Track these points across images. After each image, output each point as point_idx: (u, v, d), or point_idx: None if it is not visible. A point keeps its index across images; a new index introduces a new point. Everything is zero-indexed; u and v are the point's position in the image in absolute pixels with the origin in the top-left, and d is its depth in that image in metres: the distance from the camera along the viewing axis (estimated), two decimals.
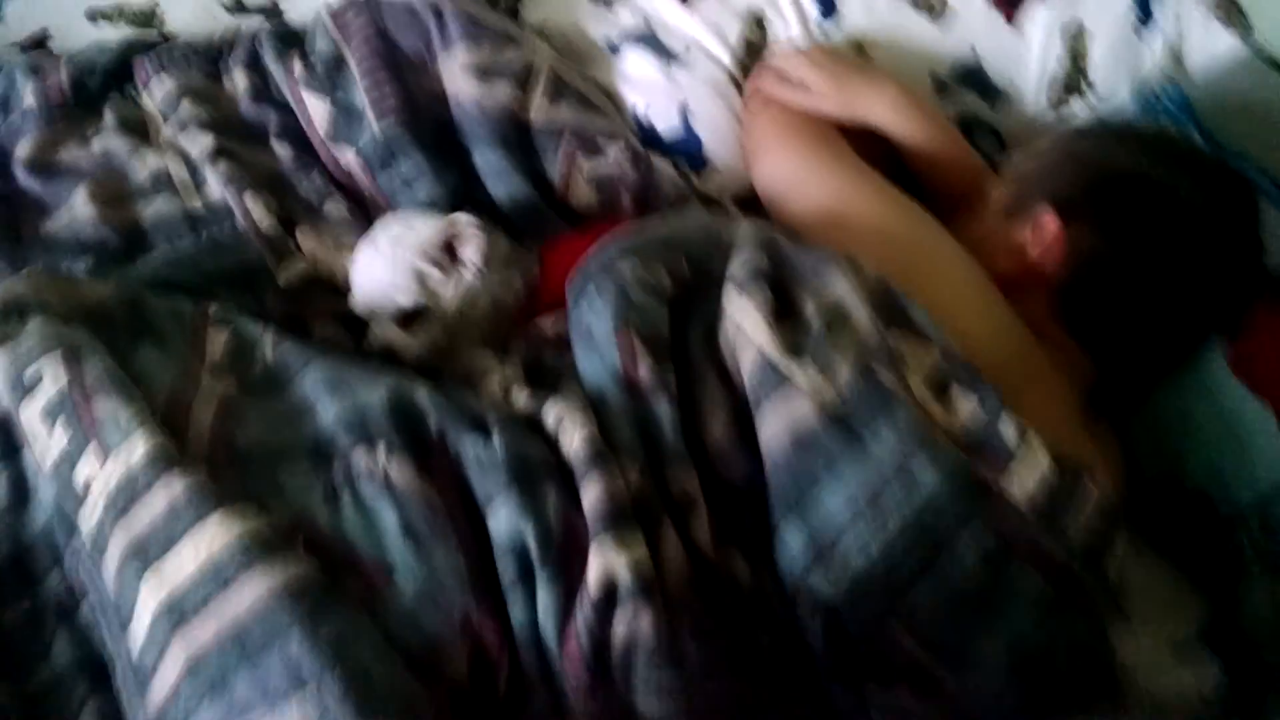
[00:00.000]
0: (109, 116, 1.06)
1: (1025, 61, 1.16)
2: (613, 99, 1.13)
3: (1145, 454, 0.93)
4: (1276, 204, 0.99)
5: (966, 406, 0.75)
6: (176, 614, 0.62)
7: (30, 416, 0.71)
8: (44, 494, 0.71)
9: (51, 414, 0.70)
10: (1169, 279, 0.87)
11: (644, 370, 0.74)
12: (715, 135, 1.11)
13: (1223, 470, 0.87)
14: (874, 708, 0.70)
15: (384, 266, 0.90)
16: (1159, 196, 0.87)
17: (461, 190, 1.03)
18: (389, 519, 0.67)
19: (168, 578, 0.63)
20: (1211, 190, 0.88)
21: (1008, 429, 0.73)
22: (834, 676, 0.70)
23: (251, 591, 0.62)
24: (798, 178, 0.99)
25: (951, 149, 1.05)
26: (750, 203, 1.09)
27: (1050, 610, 0.70)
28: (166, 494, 0.65)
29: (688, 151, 1.11)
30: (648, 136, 1.12)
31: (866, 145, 1.03)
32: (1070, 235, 0.88)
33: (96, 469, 0.67)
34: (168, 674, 0.62)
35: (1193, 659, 0.88)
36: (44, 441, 0.70)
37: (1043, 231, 0.89)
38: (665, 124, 1.11)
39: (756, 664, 0.69)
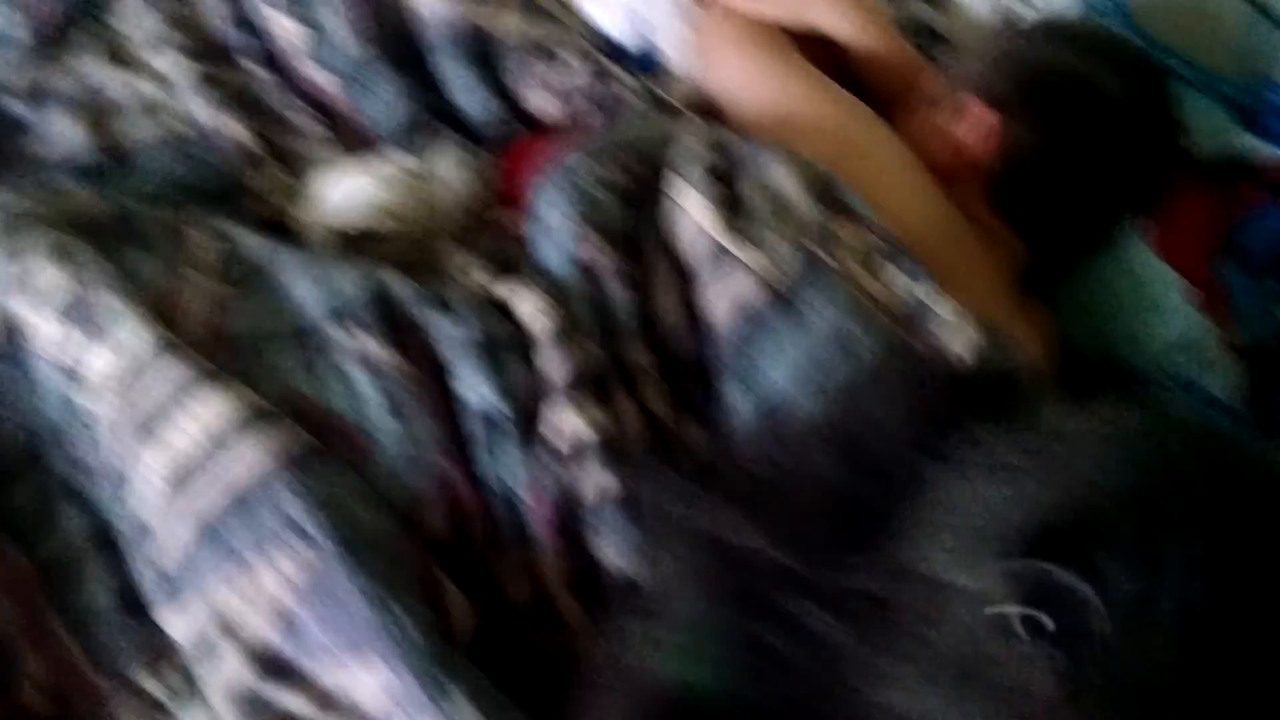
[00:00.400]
0: (87, 42, 1.10)
1: None
2: (571, 11, 1.18)
3: (1077, 331, 1.00)
4: (1196, 92, 1.04)
5: (899, 283, 0.81)
6: (178, 480, 0.68)
7: (30, 311, 0.76)
8: (46, 384, 0.76)
9: (52, 309, 0.75)
10: (1094, 167, 0.93)
11: (599, 256, 0.80)
12: (673, 45, 1.14)
13: (1142, 339, 0.94)
14: None
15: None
16: (1085, 90, 0.93)
17: (430, 104, 1.07)
18: (369, 390, 0.73)
19: (168, 448, 0.69)
20: (1132, 81, 0.94)
21: (938, 303, 0.79)
22: None
23: (248, 455, 0.68)
24: (747, 81, 1.04)
25: (896, 52, 1.10)
26: (705, 108, 1.14)
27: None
28: (163, 374, 0.71)
29: (647, 61, 1.15)
30: (608, 48, 1.16)
31: (814, 49, 1.08)
32: (1003, 128, 0.94)
33: (96, 356, 0.73)
34: (175, 535, 0.68)
35: None
36: (44, 333, 0.75)
37: (977, 125, 0.95)
38: (625, 35, 1.15)
39: None
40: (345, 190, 0.93)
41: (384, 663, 0.64)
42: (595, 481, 0.71)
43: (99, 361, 0.73)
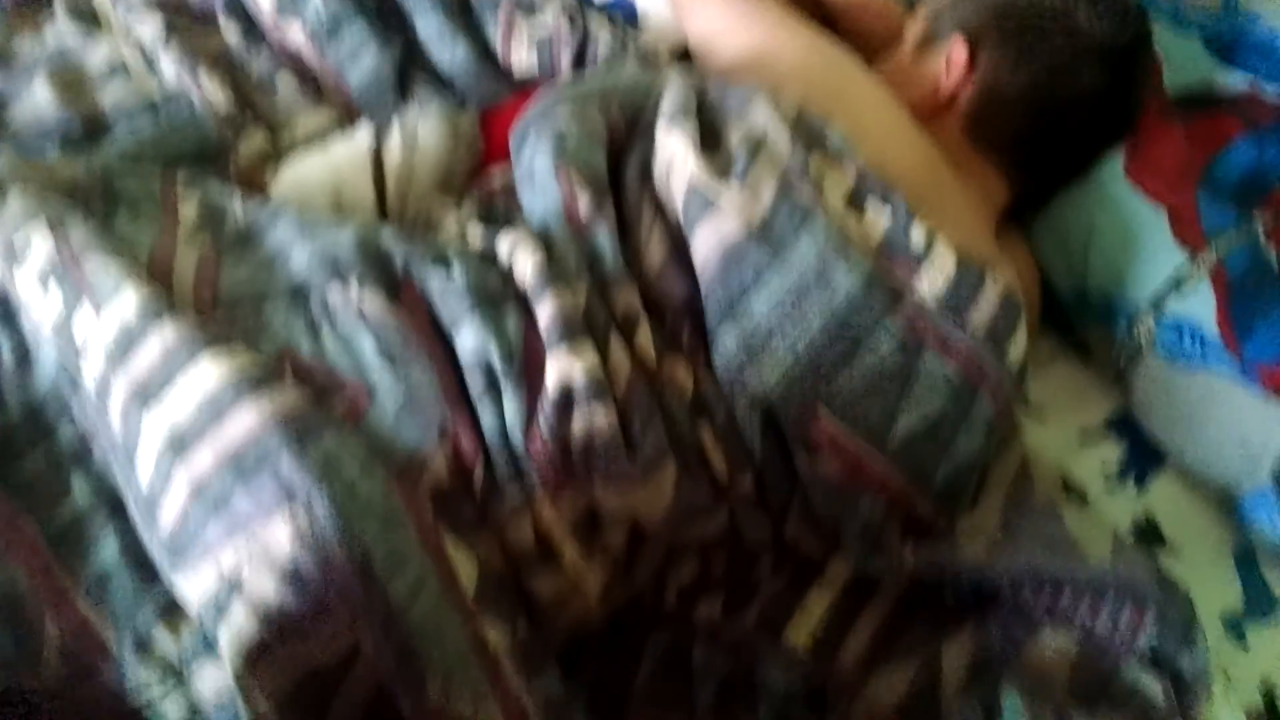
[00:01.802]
0: (60, 11, 1.09)
1: None
2: None
3: (1056, 269, 1.01)
4: (1172, 26, 1.05)
5: (880, 218, 0.82)
6: (178, 445, 0.68)
7: (24, 281, 0.76)
8: (46, 353, 0.77)
9: (44, 277, 0.75)
10: (1068, 98, 0.95)
11: (584, 205, 0.81)
12: None
13: (1122, 271, 0.95)
14: (803, 476, 0.79)
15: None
16: (1055, 21, 0.94)
17: (407, 59, 1.07)
18: (366, 344, 0.74)
19: (167, 414, 0.69)
20: (1103, 11, 0.94)
21: (917, 235, 0.81)
22: (767, 456, 0.79)
23: (245, 420, 0.68)
24: (725, 27, 1.04)
25: None
26: (685, 58, 1.14)
27: (958, 391, 0.79)
28: (160, 340, 0.71)
29: (623, 11, 1.15)
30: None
31: None
32: (977, 62, 0.95)
33: (93, 324, 0.72)
34: (175, 499, 0.68)
35: (1098, 442, 0.98)
36: (40, 304, 0.75)
37: (953, 60, 0.96)
38: None
39: (698, 452, 0.78)
40: (296, 174, 0.93)
41: (366, 633, 0.66)
42: (583, 419, 0.73)
43: (98, 331, 0.73)
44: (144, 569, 0.72)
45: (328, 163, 0.93)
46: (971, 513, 0.84)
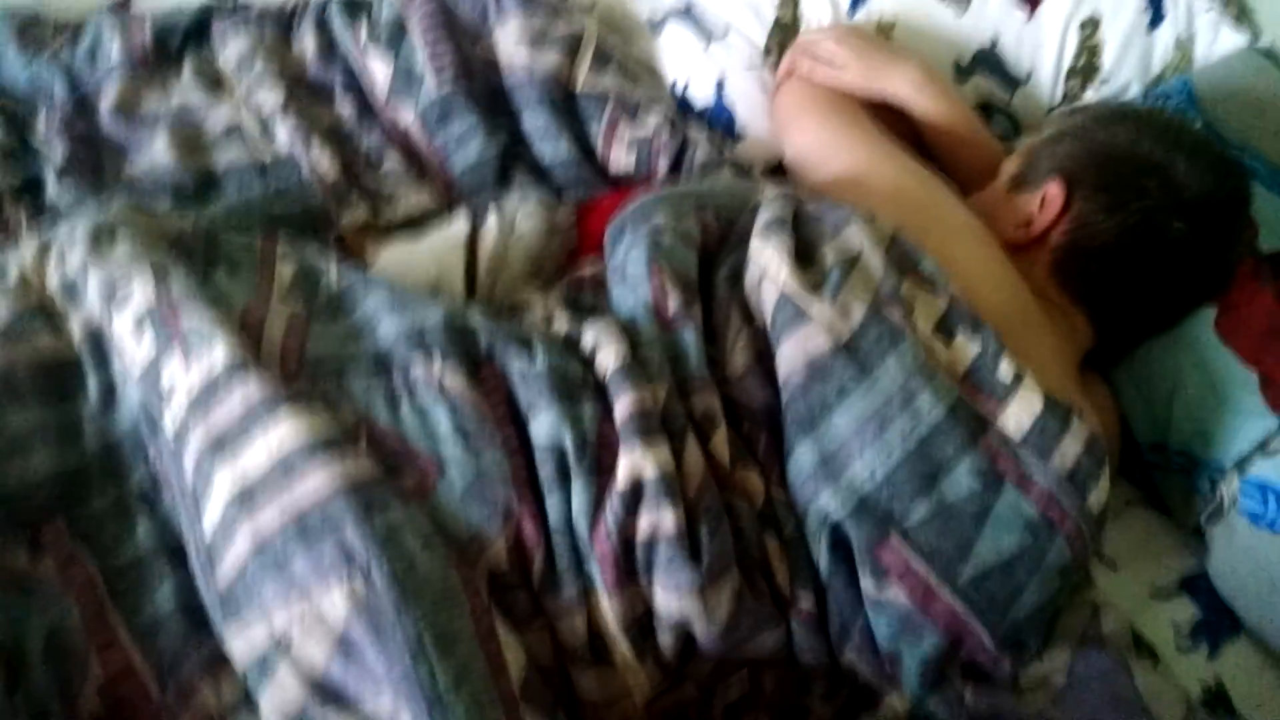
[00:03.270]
0: (187, 72, 1.15)
1: (1043, 53, 1.22)
2: (653, 72, 1.21)
3: (1137, 418, 1.00)
4: (1271, 190, 1.05)
5: (969, 349, 0.82)
6: (246, 500, 0.69)
7: (121, 326, 0.78)
8: (131, 397, 0.78)
9: (140, 324, 0.77)
10: (1160, 250, 0.94)
11: (673, 304, 0.82)
12: (748, 108, 1.18)
13: (1208, 429, 0.93)
14: (868, 601, 0.77)
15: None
16: (1153, 172, 0.94)
17: (510, 150, 1.11)
18: (442, 420, 0.74)
19: (240, 469, 0.70)
20: (1202, 168, 0.94)
21: (1005, 370, 0.80)
22: (833, 576, 0.77)
23: (315, 483, 0.68)
24: (822, 147, 1.06)
25: (967, 127, 1.12)
26: (778, 171, 1.16)
27: (1035, 531, 0.77)
28: (243, 395, 0.72)
29: (722, 123, 1.19)
30: (685, 107, 1.19)
31: (888, 120, 1.10)
32: (1072, 206, 0.95)
33: (181, 372, 0.74)
34: (236, 553, 0.69)
35: (1171, 600, 0.95)
36: (133, 349, 0.77)
37: (1049, 199, 0.96)
38: (702, 97, 1.19)
39: (763, 564, 0.77)
40: (397, 258, 0.96)
41: (408, 710, 0.65)
42: (650, 517, 0.72)
43: (184, 379, 0.74)
44: (196, 619, 0.72)
45: (429, 249, 0.95)
46: (1037, 660, 0.81)
